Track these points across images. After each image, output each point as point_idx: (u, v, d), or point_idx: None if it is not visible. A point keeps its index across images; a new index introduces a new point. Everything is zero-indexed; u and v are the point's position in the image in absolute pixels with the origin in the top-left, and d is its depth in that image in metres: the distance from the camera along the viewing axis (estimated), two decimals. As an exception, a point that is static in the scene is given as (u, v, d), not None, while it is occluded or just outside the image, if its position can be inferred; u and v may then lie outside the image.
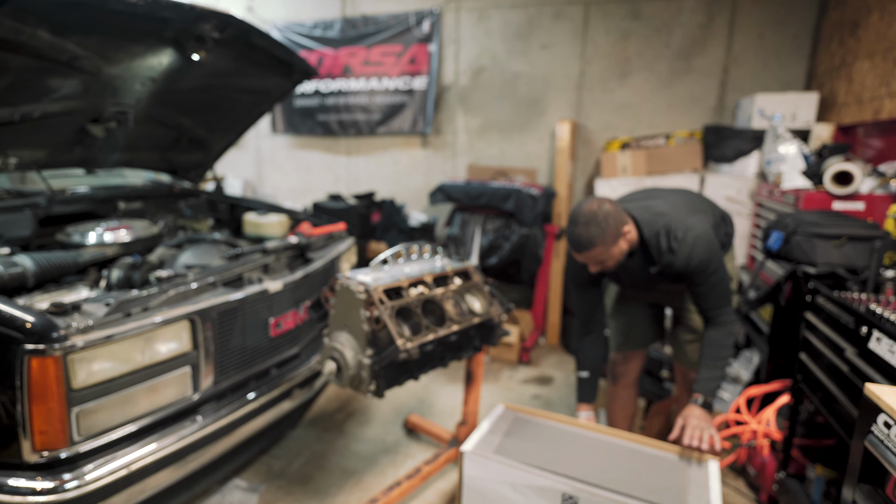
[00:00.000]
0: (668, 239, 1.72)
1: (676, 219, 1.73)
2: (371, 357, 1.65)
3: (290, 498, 2.20)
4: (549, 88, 4.19)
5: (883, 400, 1.16)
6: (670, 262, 1.73)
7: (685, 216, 1.75)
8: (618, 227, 1.67)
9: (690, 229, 1.70)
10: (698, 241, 1.69)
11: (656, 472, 1.66)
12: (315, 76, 2.74)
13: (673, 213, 1.76)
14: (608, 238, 1.65)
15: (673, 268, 1.73)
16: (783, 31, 3.59)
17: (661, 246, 1.73)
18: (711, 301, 1.77)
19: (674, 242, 1.70)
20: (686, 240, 1.69)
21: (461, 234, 3.90)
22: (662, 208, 1.79)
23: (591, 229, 1.64)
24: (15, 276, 1.76)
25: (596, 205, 1.67)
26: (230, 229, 2.91)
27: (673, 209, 1.79)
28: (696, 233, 1.70)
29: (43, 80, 1.94)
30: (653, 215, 1.77)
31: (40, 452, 1.36)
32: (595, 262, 1.70)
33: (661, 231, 1.73)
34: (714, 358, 1.78)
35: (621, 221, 1.68)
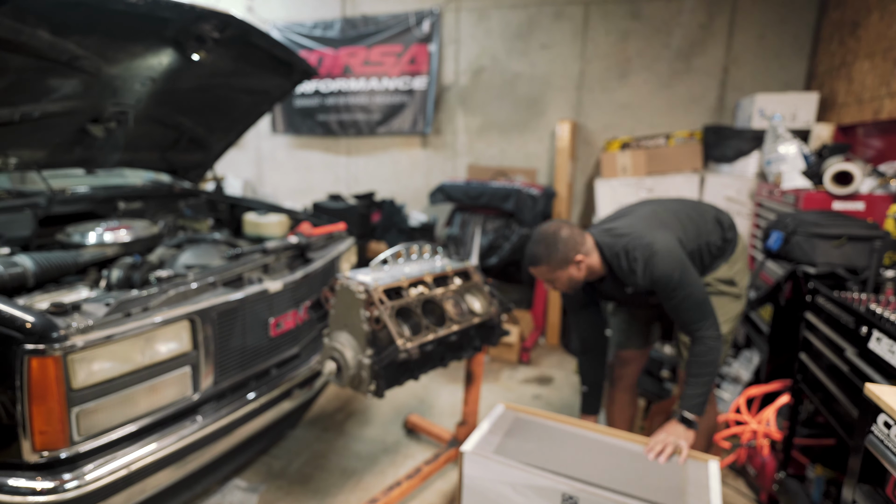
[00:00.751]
0: (627, 260, 1.72)
1: (635, 237, 1.73)
2: (371, 357, 1.65)
3: (290, 498, 2.20)
4: (549, 88, 4.19)
5: (883, 400, 1.16)
6: (635, 282, 1.74)
7: (645, 233, 1.73)
8: (567, 253, 1.71)
9: (647, 247, 1.69)
10: (654, 258, 1.67)
11: (656, 472, 1.66)
12: (315, 76, 2.74)
13: (634, 232, 1.75)
14: (553, 261, 1.71)
15: (640, 285, 1.74)
16: (783, 31, 3.59)
17: (622, 267, 1.74)
18: (685, 316, 1.74)
19: (633, 263, 1.71)
20: (641, 259, 1.69)
21: (461, 234, 3.90)
22: (625, 228, 1.78)
23: (539, 248, 1.72)
24: (15, 276, 1.76)
25: (554, 227, 1.74)
26: (230, 229, 2.91)
27: (635, 227, 1.78)
28: (653, 249, 1.68)
29: (43, 80, 1.94)
30: (613, 237, 1.77)
31: (40, 452, 1.36)
32: (543, 279, 1.78)
33: (621, 252, 1.73)
34: (695, 375, 1.75)
35: (574, 249, 1.71)
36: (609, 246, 1.77)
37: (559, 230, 1.73)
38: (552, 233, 1.73)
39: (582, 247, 1.74)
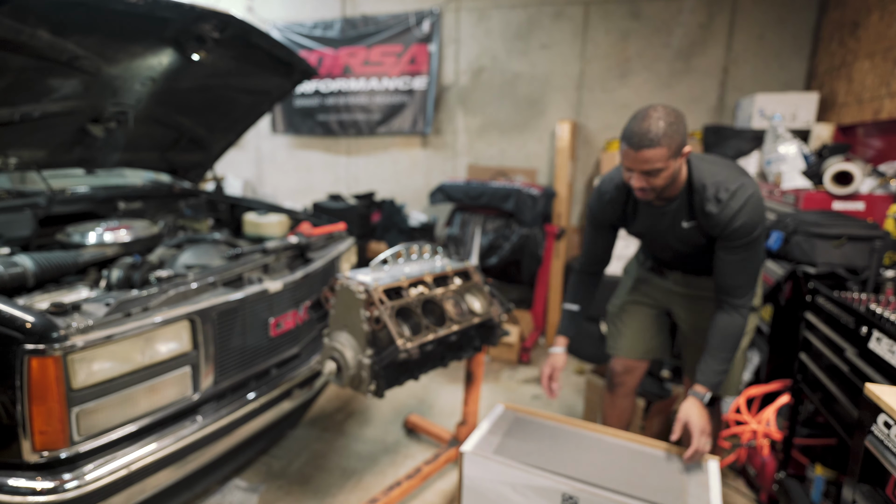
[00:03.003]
0: (716, 188, 1.52)
1: (730, 173, 1.55)
2: (371, 357, 1.65)
3: (290, 498, 2.20)
4: (549, 88, 4.19)
5: (883, 400, 1.16)
6: (711, 215, 1.53)
7: (739, 175, 1.56)
8: (684, 139, 1.45)
9: (744, 186, 1.52)
10: (750, 200, 1.51)
11: (656, 472, 1.66)
12: (315, 76, 2.74)
13: (727, 168, 1.58)
14: (675, 143, 1.43)
15: (711, 222, 1.54)
16: (783, 31, 3.59)
17: (706, 194, 1.53)
18: (740, 278, 1.58)
19: (722, 193, 1.51)
20: (737, 195, 1.50)
21: (461, 234, 3.90)
22: (717, 161, 1.61)
23: (659, 125, 1.40)
24: (15, 276, 1.76)
25: (669, 107, 1.45)
26: (230, 229, 2.91)
27: (728, 165, 1.61)
28: (750, 192, 1.51)
29: (43, 80, 1.94)
30: (706, 163, 1.58)
31: (40, 452, 1.36)
32: (647, 168, 1.45)
33: (710, 179, 1.54)
34: (724, 348, 1.61)
35: (686, 139, 1.46)
36: (700, 169, 1.56)
37: (675, 109, 1.45)
38: (672, 111, 1.44)
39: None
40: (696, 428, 1.58)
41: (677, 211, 1.63)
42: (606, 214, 1.79)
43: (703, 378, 1.64)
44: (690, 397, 1.64)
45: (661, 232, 1.72)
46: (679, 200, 1.62)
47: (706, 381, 1.63)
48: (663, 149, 1.42)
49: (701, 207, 1.56)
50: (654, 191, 1.53)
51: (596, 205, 1.81)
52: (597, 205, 1.81)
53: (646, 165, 1.45)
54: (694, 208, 1.59)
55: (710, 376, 1.63)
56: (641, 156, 1.44)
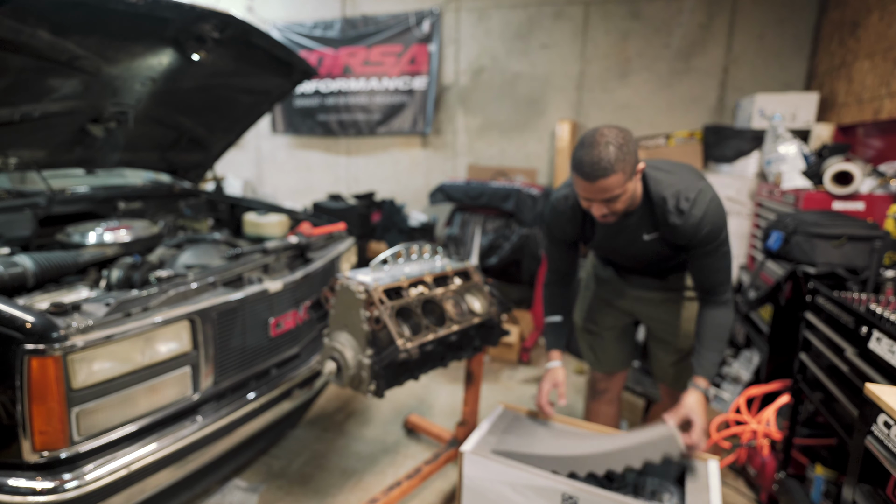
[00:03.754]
0: (675, 199, 1.51)
1: (686, 180, 1.53)
2: (371, 357, 1.65)
3: (290, 498, 2.20)
4: (549, 88, 4.19)
5: (883, 400, 1.16)
6: (676, 227, 1.52)
7: (695, 180, 1.55)
8: (636, 157, 1.42)
9: (702, 192, 1.51)
10: (711, 205, 1.50)
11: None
12: (315, 76, 2.74)
13: (682, 175, 1.56)
14: (628, 166, 1.39)
15: (677, 233, 1.54)
16: (783, 31, 3.59)
17: (667, 206, 1.52)
18: (719, 276, 1.60)
19: (683, 203, 1.49)
20: (698, 202, 1.49)
21: (461, 234, 3.90)
22: (671, 167, 1.59)
23: (612, 151, 1.35)
24: (15, 276, 1.76)
25: (613, 127, 1.40)
26: (230, 229, 2.91)
27: (683, 169, 1.59)
28: (709, 196, 1.51)
29: (43, 80, 1.94)
30: (661, 172, 1.56)
31: (40, 452, 1.36)
32: (605, 197, 1.42)
33: (668, 191, 1.52)
34: (719, 339, 1.63)
35: (637, 156, 1.43)
36: (657, 180, 1.53)
37: (621, 130, 1.40)
38: (619, 132, 1.39)
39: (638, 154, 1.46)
40: (698, 425, 1.58)
41: (637, 225, 1.61)
42: (565, 232, 1.75)
43: (703, 371, 1.62)
44: (694, 391, 1.61)
45: (623, 245, 1.70)
46: (638, 214, 1.59)
47: (707, 374, 1.62)
48: (618, 175, 1.38)
49: (664, 220, 1.55)
50: (616, 214, 1.51)
51: (553, 223, 1.76)
52: (554, 223, 1.75)
53: (604, 195, 1.42)
54: (657, 220, 1.58)
55: (708, 368, 1.63)
56: (598, 186, 1.40)
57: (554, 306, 1.90)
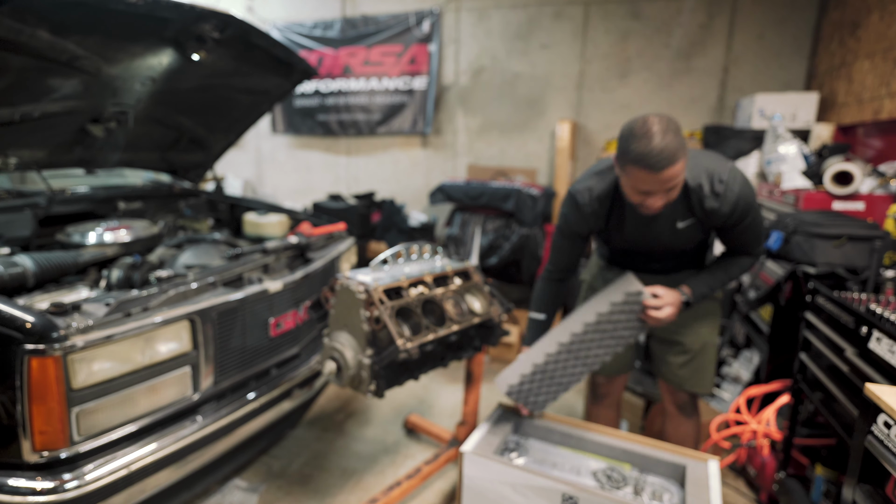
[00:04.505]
0: (710, 184, 1.53)
1: (714, 162, 1.56)
2: (371, 357, 1.65)
3: (290, 498, 2.20)
4: (549, 88, 4.19)
5: (883, 400, 1.16)
6: (713, 210, 1.54)
7: (721, 161, 1.58)
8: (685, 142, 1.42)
9: (732, 171, 1.54)
10: (743, 185, 1.53)
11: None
12: (315, 76, 2.74)
13: (708, 158, 1.58)
14: (685, 151, 1.39)
15: (715, 217, 1.56)
16: (783, 31, 3.59)
17: (703, 192, 1.54)
18: (751, 237, 1.65)
19: (717, 185, 1.52)
20: (730, 183, 1.52)
21: (461, 234, 3.90)
22: (696, 156, 1.59)
23: (671, 138, 1.34)
24: (15, 276, 1.76)
25: (661, 116, 1.39)
26: (230, 229, 2.91)
27: (704, 155, 1.61)
28: (738, 175, 1.54)
29: (43, 80, 1.94)
30: (695, 158, 1.57)
31: (40, 452, 1.36)
32: (669, 186, 1.41)
33: (703, 176, 1.54)
34: (724, 270, 1.69)
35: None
36: (688, 168, 1.53)
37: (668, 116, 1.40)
38: (668, 119, 1.38)
39: None
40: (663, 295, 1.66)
41: (671, 213, 1.60)
42: (588, 225, 1.72)
43: (692, 284, 1.69)
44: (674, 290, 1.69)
45: (653, 236, 1.69)
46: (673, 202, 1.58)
47: (694, 288, 1.69)
48: (682, 161, 1.38)
49: (700, 205, 1.56)
50: (669, 204, 1.52)
51: (574, 217, 1.72)
52: (575, 217, 1.71)
53: (668, 184, 1.40)
54: (692, 207, 1.58)
55: (699, 286, 1.68)
56: (664, 176, 1.37)
57: (543, 303, 1.87)
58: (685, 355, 1.86)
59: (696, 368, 1.85)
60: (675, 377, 1.89)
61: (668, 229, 1.65)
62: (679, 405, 1.93)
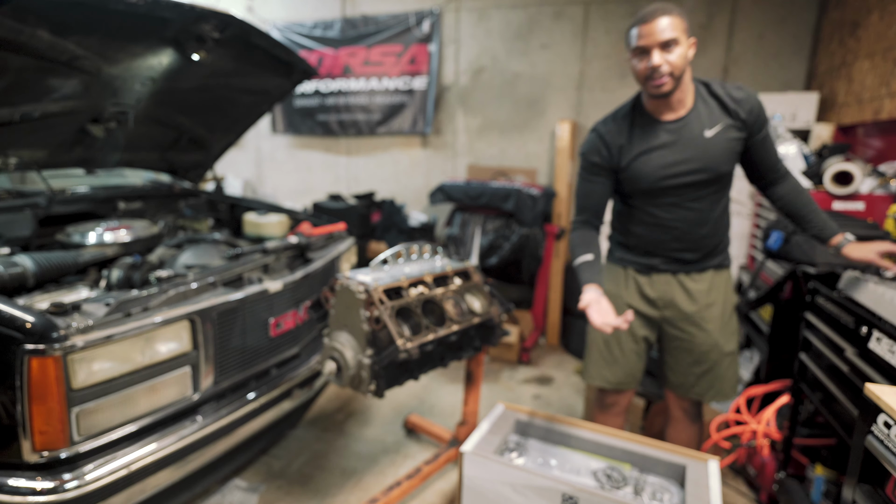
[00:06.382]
0: (724, 86, 1.66)
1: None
2: (371, 357, 1.65)
3: (290, 498, 2.20)
4: (549, 88, 4.19)
5: (883, 400, 1.16)
6: (741, 99, 1.61)
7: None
8: (690, 25, 1.54)
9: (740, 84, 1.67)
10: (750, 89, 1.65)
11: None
12: (315, 76, 2.74)
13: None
14: (683, 19, 1.51)
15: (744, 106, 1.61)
16: (783, 31, 3.59)
17: (726, 88, 1.65)
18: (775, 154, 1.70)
19: (733, 87, 1.65)
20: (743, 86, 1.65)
21: (461, 234, 3.90)
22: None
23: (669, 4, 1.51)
24: (15, 276, 1.76)
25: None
26: (230, 229, 2.91)
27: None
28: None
29: (43, 80, 1.94)
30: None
31: (40, 452, 1.36)
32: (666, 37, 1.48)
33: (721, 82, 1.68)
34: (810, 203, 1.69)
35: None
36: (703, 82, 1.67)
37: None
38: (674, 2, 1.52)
39: None
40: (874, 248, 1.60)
41: (696, 119, 1.64)
42: (607, 151, 1.71)
43: (830, 231, 1.67)
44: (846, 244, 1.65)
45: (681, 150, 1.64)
46: (696, 108, 1.64)
47: (834, 231, 1.67)
48: (676, 16, 1.48)
49: (730, 98, 1.62)
50: (673, 73, 1.52)
51: (591, 147, 1.73)
52: (592, 146, 1.73)
53: (663, 35, 1.48)
54: (723, 103, 1.63)
55: (831, 226, 1.67)
56: (657, 25, 1.47)
57: (584, 246, 1.73)
58: (704, 364, 1.79)
59: (716, 377, 1.79)
60: (692, 386, 1.83)
61: (696, 140, 1.63)
62: (685, 409, 1.91)
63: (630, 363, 1.87)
